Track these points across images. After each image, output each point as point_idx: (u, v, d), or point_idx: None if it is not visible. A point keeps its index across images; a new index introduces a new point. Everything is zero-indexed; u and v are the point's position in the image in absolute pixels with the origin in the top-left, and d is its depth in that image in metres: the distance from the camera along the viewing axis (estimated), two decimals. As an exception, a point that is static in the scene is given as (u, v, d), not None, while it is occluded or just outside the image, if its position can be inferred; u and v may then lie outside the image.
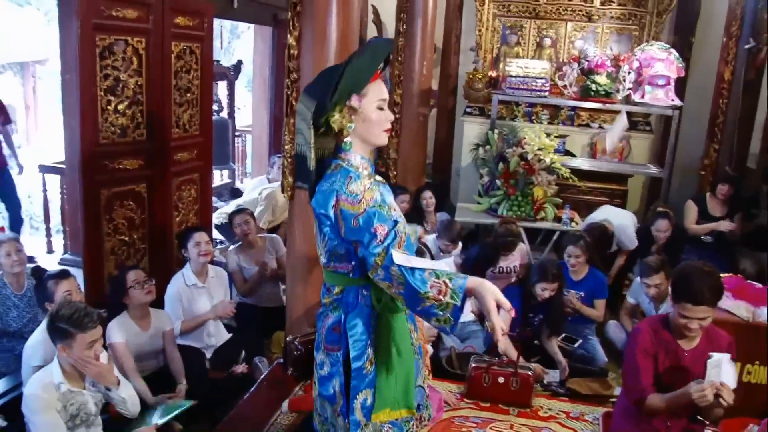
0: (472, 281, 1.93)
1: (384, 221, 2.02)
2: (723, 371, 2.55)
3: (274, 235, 5.11)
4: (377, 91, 2.16)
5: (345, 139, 2.14)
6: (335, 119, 2.09)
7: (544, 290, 4.13)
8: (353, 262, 2.13)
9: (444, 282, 1.91)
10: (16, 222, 5.82)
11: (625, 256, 5.40)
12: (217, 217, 5.93)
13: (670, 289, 2.89)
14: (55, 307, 2.80)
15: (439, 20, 6.86)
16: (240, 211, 4.83)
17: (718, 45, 6.48)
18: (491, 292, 1.92)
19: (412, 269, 1.93)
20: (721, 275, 3.80)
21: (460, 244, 5.03)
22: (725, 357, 2.60)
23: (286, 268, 4.24)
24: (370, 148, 2.24)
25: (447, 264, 4.67)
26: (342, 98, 2.08)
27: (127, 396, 2.94)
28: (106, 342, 3.40)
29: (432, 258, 5.06)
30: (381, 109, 2.16)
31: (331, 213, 2.06)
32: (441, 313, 1.90)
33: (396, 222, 2.06)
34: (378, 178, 2.20)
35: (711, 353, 2.63)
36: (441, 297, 1.89)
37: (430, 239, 5.18)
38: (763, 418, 3.16)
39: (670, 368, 2.83)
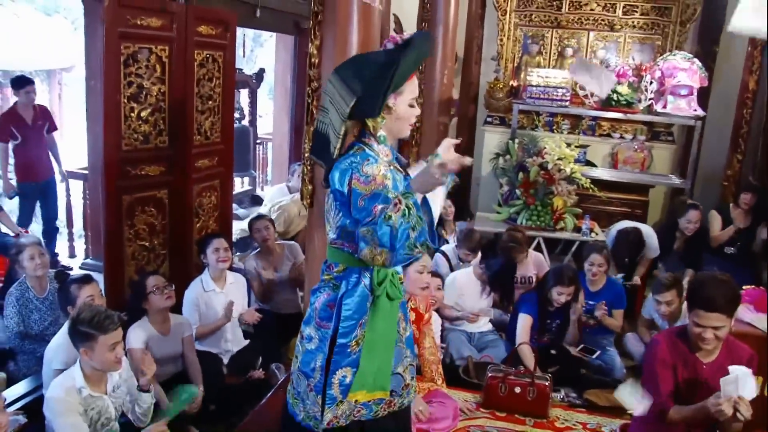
0: (411, 182, 2.17)
1: (385, 202, 2.07)
2: (741, 385, 2.51)
3: (293, 242, 5.13)
4: (412, 90, 2.23)
5: (379, 134, 2.23)
6: (370, 120, 2.19)
7: (560, 294, 4.11)
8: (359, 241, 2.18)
9: (396, 198, 2.06)
10: (52, 231, 5.88)
11: (648, 264, 5.37)
12: (235, 233, 5.94)
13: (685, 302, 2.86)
14: (76, 311, 2.84)
15: (461, 29, 6.87)
16: (260, 217, 4.88)
17: (743, 55, 6.42)
18: (428, 174, 2.11)
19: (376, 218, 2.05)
20: (744, 287, 3.79)
21: (479, 253, 5.02)
22: (742, 371, 2.56)
23: (304, 275, 4.26)
24: (394, 138, 2.33)
25: (467, 273, 4.66)
26: (383, 99, 2.14)
27: (147, 405, 2.98)
28: (125, 347, 3.44)
29: (451, 268, 5.06)
30: (412, 106, 2.25)
31: (345, 189, 2.12)
32: (410, 222, 2.02)
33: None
34: (397, 166, 2.28)
35: (729, 367, 2.60)
36: (398, 206, 2.03)
37: (449, 248, 5.18)
38: (785, 433, 3.12)
39: (689, 381, 2.80)
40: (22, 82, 5.65)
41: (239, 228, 5.96)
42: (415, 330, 3.41)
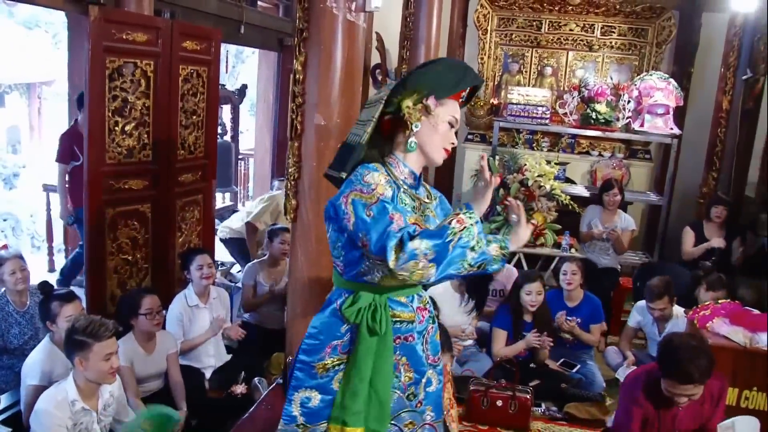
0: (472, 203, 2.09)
1: (397, 210, 1.96)
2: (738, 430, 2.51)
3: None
4: (453, 109, 2.13)
5: (409, 140, 2.09)
6: (407, 104, 2.05)
7: (529, 294, 4.18)
8: (347, 259, 2.10)
9: (454, 215, 1.95)
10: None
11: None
12: (221, 231, 5.93)
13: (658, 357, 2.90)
14: (71, 322, 2.82)
15: (442, 48, 6.95)
16: (282, 229, 4.77)
17: (717, 75, 6.59)
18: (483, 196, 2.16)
19: (425, 230, 1.93)
20: (719, 301, 3.87)
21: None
22: (738, 420, 2.56)
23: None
24: (423, 162, 2.18)
25: (443, 286, 4.68)
26: (422, 91, 2.05)
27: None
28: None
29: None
30: (451, 126, 2.13)
31: (341, 203, 1.99)
32: (471, 241, 1.91)
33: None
34: (415, 194, 2.16)
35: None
36: (459, 224, 1.90)
37: None
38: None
39: (662, 412, 2.85)
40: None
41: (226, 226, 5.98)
42: None
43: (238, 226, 5.87)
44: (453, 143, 2.15)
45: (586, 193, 6.57)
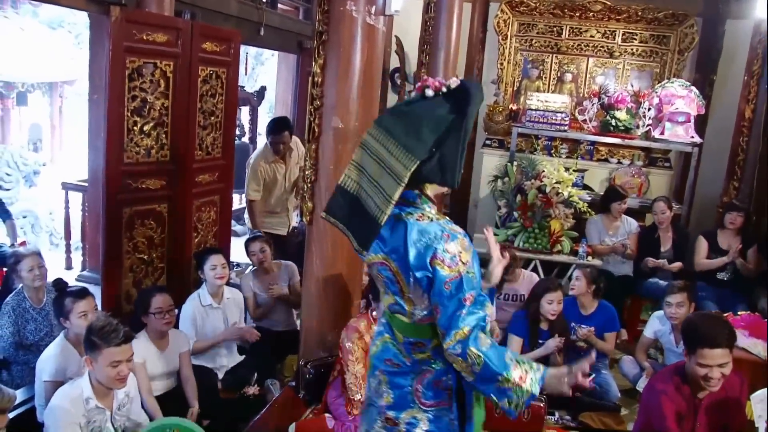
0: (549, 372, 2.04)
1: (473, 289, 1.98)
2: None
3: (289, 262, 5.10)
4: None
5: (429, 192, 2.10)
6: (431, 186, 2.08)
7: (551, 303, 4.14)
8: None
9: (525, 369, 1.98)
10: None
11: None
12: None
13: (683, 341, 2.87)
14: (93, 319, 2.85)
15: (462, 52, 6.94)
16: (256, 238, 4.81)
17: (740, 83, 6.50)
18: (561, 379, 2.05)
19: (495, 352, 1.95)
20: (739, 312, 3.81)
21: None
22: None
23: (300, 294, 4.25)
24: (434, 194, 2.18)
25: None
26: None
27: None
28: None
29: None
30: None
31: (429, 269, 1.99)
32: (516, 397, 1.96)
33: (482, 297, 2.02)
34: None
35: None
36: (521, 383, 1.96)
37: None
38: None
39: (686, 415, 2.81)
40: None
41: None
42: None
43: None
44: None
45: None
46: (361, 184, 2.09)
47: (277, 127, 5.45)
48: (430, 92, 2.03)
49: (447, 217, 2.11)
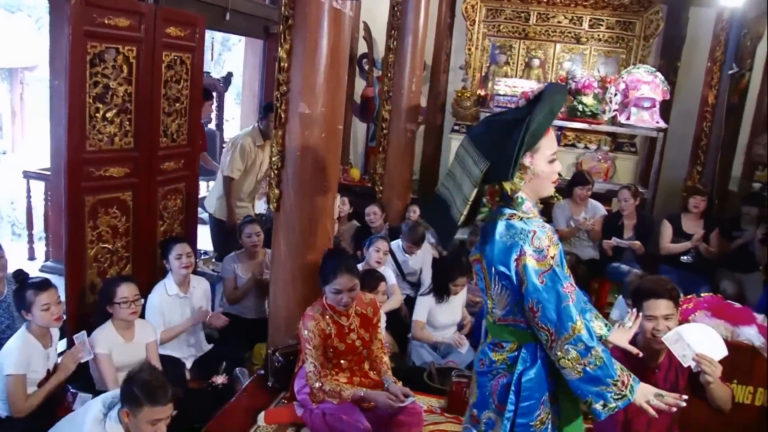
0: (641, 384, 2.09)
1: (567, 279, 2.02)
2: (694, 342, 2.46)
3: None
4: (550, 145, 2.12)
5: (516, 196, 2.11)
6: (508, 187, 2.08)
7: None
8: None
9: (627, 375, 2.04)
10: None
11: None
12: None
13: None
14: (137, 367, 2.69)
15: (430, 38, 6.92)
16: (251, 221, 4.77)
17: (703, 69, 6.59)
18: (649, 395, 2.08)
19: (607, 354, 2.02)
20: (701, 294, 3.89)
21: (426, 247, 5.25)
22: (685, 328, 2.55)
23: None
24: (536, 198, 2.19)
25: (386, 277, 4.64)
26: (516, 162, 2.03)
27: None
28: (91, 351, 3.39)
29: (397, 264, 5.13)
30: (551, 161, 2.13)
31: (512, 267, 2.03)
32: (614, 402, 2.01)
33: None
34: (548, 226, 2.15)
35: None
36: (623, 389, 2.01)
37: (394, 244, 5.20)
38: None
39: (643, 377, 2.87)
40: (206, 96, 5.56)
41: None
42: (364, 333, 3.42)
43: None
44: (558, 170, 2.16)
45: (571, 186, 6.58)
46: (450, 190, 2.20)
47: (269, 105, 5.33)
48: (522, 101, 2.13)
49: (542, 217, 2.16)
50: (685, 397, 2.12)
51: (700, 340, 2.50)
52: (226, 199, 5.46)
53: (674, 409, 2.11)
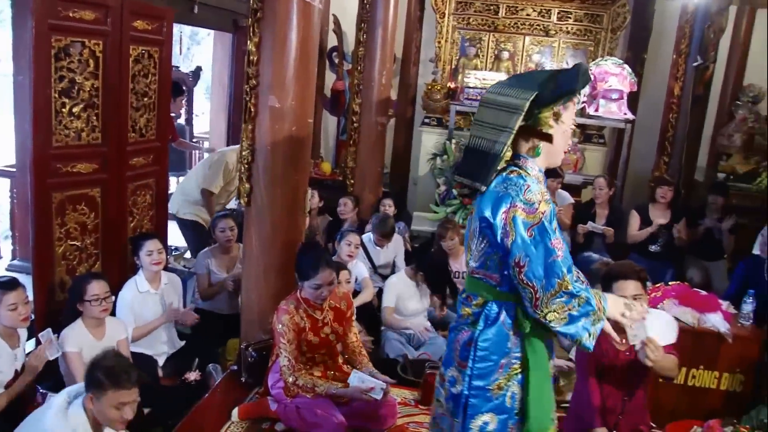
0: (609, 299, 2.11)
1: (554, 234, 2.01)
2: (647, 327, 2.45)
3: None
4: (573, 113, 2.16)
5: (538, 146, 2.12)
6: (546, 115, 2.08)
7: None
8: (506, 272, 2.07)
9: (599, 298, 2.05)
10: None
11: None
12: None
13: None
14: (98, 356, 2.63)
15: (399, 31, 6.92)
16: (225, 216, 4.73)
17: (669, 62, 6.69)
18: (619, 307, 2.12)
19: (588, 289, 2.03)
20: (669, 283, 3.96)
21: (397, 239, 5.30)
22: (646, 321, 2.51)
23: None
24: (546, 163, 2.19)
25: (400, 277, 4.64)
26: (559, 101, 2.07)
27: None
28: (60, 350, 3.34)
29: (368, 256, 5.16)
30: (570, 132, 2.19)
31: (499, 219, 2.00)
32: (594, 327, 2.01)
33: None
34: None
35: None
36: (600, 312, 2.02)
37: (365, 237, 5.23)
38: (707, 420, 3.28)
39: (610, 368, 2.93)
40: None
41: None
42: (338, 327, 3.43)
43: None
44: (570, 144, 2.22)
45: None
46: (481, 136, 2.16)
47: None
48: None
49: (541, 177, 2.15)
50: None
51: (655, 325, 2.50)
52: (206, 210, 5.54)
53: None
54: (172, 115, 6.10)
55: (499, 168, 2.09)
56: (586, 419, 2.95)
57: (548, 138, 2.11)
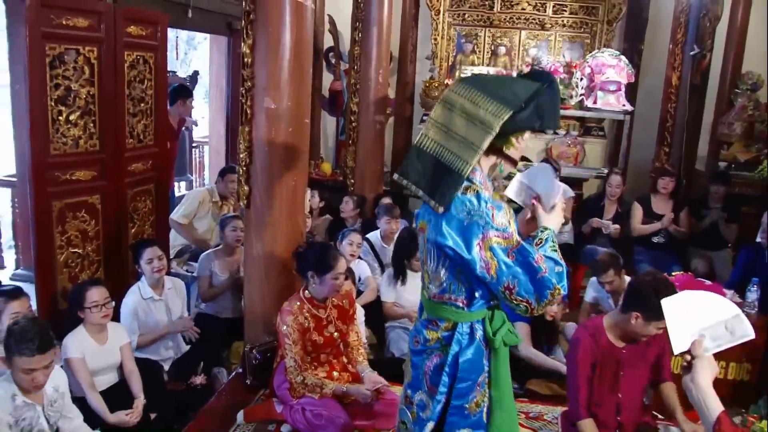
0: (546, 219, 2.11)
1: (534, 251, 1.97)
2: (531, 184, 2.21)
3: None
4: (528, 134, 2.13)
5: (499, 164, 2.12)
6: (515, 137, 2.06)
7: None
8: (477, 293, 2.07)
9: (552, 238, 2.03)
10: None
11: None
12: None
13: (624, 298, 2.93)
14: (20, 319, 2.71)
15: (395, 29, 6.91)
16: (234, 217, 4.71)
17: (666, 51, 6.67)
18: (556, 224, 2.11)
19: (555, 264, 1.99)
20: (673, 273, 3.94)
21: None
22: (523, 174, 2.26)
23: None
24: (492, 172, 2.17)
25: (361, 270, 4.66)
26: (535, 124, 2.03)
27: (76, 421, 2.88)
28: (62, 357, 3.34)
29: (375, 254, 5.17)
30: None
31: (475, 253, 1.94)
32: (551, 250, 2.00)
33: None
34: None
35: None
36: (554, 244, 2.02)
37: (372, 235, 5.23)
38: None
39: (607, 366, 2.90)
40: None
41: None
42: (342, 325, 3.43)
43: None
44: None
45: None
46: (441, 142, 2.04)
47: (225, 170, 5.59)
48: (526, 69, 2.15)
49: (489, 185, 2.10)
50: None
51: (538, 179, 2.22)
52: (186, 238, 5.46)
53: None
54: (187, 118, 6.31)
55: None
56: (571, 416, 2.92)
57: (513, 162, 2.11)
